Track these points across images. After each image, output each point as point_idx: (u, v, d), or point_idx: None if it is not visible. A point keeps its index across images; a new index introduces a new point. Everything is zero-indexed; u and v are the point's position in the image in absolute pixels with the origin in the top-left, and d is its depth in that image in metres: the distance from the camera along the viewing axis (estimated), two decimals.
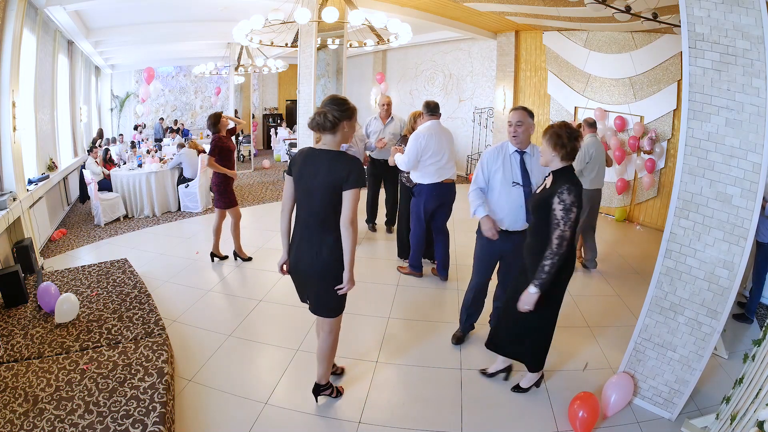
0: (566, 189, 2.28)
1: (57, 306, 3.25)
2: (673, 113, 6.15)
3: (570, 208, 2.25)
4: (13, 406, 2.30)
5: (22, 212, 4.38)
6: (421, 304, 3.89)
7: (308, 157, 2.24)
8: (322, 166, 2.18)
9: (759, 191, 2.18)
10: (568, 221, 2.26)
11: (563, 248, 2.29)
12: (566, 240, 2.29)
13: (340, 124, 2.20)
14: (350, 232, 2.17)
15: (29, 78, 5.29)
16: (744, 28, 2.12)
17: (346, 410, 2.58)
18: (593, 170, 4.42)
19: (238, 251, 4.73)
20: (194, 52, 10.57)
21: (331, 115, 2.17)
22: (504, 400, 2.70)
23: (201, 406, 2.58)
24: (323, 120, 2.18)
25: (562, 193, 2.27)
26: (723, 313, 2.32)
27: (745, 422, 1.93)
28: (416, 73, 10.83)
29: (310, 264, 2.28)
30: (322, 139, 2.25)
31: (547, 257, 2.30)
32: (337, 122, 2.18)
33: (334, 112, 2.17)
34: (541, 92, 8.02)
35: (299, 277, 2.39)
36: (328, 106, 2.19)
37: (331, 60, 9.16)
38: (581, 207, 2.35)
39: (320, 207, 2.21)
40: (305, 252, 2.29)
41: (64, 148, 7.42)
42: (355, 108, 2.26)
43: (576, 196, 2.27)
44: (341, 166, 2.16)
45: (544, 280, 2.32)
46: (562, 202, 2.26)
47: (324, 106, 2.21)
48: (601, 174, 4.52)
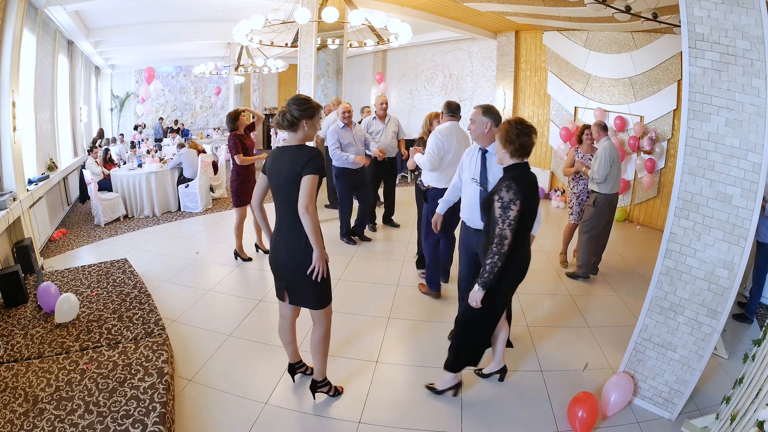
0: (505, 186, 2.26)
1: (57, 306, 3.25)
2: (673, 113, 6.15)
3: (508, 206, 2.22)
4: (13, 406, 2.30)
5: (22, 212, 4.38)
6: (421, 304, 3.89)
7: (276, 155, 2.33)
8: (286, 160, 2.26)
9: (759, 191, 2.18)
10: (506, 219, 2.23)
11: (504, 247, 2.25)
12: (506, 239, 2.24)
13: (299, 123, 2.26)
14: (306, 218, 2.20)
15: (29, 78, 5.29)
16: (744, 28, 2.12)
17: (346, 410, 2.58)
18: (613, 173, 4.24)
19: (239, 250, 4.73)
20: (194, 52, 10.58)
21: (290, 114, 2.25)
22: (504, 400, 2.70)
23: (201, 406, 2.58)
24: (282, 119, 2.27)
25: (500, 191, 2.26)
26: (723, 313, 2.32)
27: (745, 422, 1.93)
28: (416, 73, 10.83)
29: (287, 258, 2.34)
30: (287, 137, 2.34)
31: (488, 256, 2.28)
32: (296, 121, 2.26)
33: (293, 111, 2.25)
34: (541, 92, 8.02)
35: (280, 271, 2.44)
36: (289, 106, 2.27)
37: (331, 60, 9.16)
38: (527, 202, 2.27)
39: (290, 200, 2.25)
40: (282, 247, 2.36)
41: (64, 148, 7.42)
42: (317, 107, 2.32)
43: (515, 193, 2.23)
44: (301, 156, 2.23)
45: (485, 279, 2.30)
46: (500, 199, 2.24)
47: (286, 105, 2.28)
48: (619, 178, 4.36)
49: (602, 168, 4.19)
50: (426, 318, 3.67)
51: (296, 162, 2.22)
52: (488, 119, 2.75)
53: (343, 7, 5.32)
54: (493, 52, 8.84)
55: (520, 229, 2.30)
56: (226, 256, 4.87)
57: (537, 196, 2.42)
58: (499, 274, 2.31)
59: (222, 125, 12.94)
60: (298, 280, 2.36)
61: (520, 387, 2.82)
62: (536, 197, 2.40)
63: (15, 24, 4.16)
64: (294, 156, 2.24)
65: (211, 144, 11.40)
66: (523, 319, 3.68)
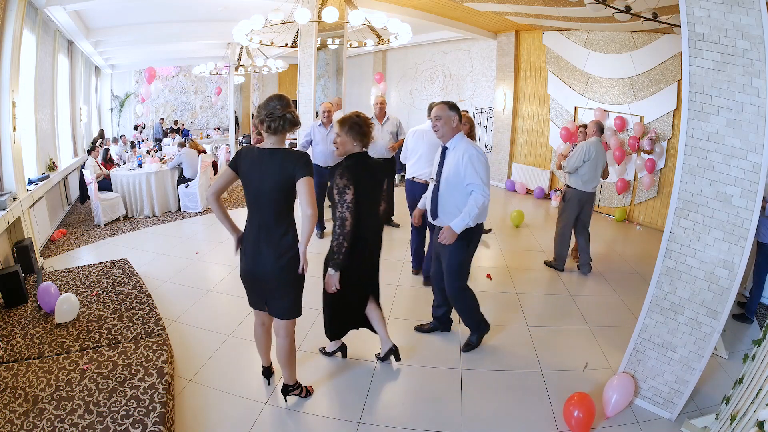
0: (338, 173, 2.45)
1: (57, 306, 3.25)
2: (673, 113, 6.15)
3: (343, 191, 2.43)
4: (13, 406, 2.30)
5: (22, 212, 4.38)
6: (421, 304, 3.89)
7: (257, 158, 2.20)
8: (273, 165, 2.17)
9: (759, 191, 2.18)
10: (343, 203, 2.43)
11: (346, 228, 2.45)
12: (346, 220, 2.44)
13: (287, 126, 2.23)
14: (311, 220, 2.15)
15: (29, 78, 5.29)
16: (744, 28, 2.12)
17: (346, 410, 2.58)
18: (588, 172, 4.33)
19: None
20: (194, 52, 10.58)
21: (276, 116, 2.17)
22: (504, 400, 2.70)
23: (201, 406, 2.58)
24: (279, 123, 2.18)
25: (335, 177, 2.45)
26: (723, 313, 2.32)
27: (745, 422, 1.93)
28: (416, 73, 10.83)
29: (271, 265, 2.25)
30: (267, 139, 2.24)
31: (333, 238, 2.48)
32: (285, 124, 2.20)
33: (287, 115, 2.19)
34: (541, 92, 8.03)
35: (257, 280, 2.32)
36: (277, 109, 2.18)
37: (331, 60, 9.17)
38: (359, 188, 2.46)
39: (276, 206, 2.21)
40: (265, 254, 2.25)
41: (64, 148, 7.42)
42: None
43: (348, 179, 2.43)
44: (291, 161, 2.16)
45: (335, 260, 2.48)
46: (336, 186, 2.44)
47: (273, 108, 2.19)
48: (595, 179, 4.41)
49: (572, 159, 4.30)
50: (426, 318, 3.67)
51: (287, 167, 2.15)
52: (455, 113, 2.85)
53: (343, 7, 5.32)
54: (493, 52, 8.84)
55: (358, 211, 2.48)
56: (226, 256, 4.87)
57: (376, 181, 2.68)
58: (348, 254, 2.49)
59: (222, 125, 12.95)
60: (280, 287, 2.29)
61: (520, 387, 2.82)
62: (373, 183, 2.64)
63: (15, 24, 4.16)
64: (284, 160, 2.16)
65: (211, 144, 11.41)
66: (524, 319, 3.68)
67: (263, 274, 2.28)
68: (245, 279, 2.38)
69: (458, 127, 2.88)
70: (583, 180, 4.36)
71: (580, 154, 4.29)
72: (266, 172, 2.17)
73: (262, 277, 2.29)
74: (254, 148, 2.24)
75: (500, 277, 4.49)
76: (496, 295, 4.14)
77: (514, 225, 6.23)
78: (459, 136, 2.89)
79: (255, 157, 2.21)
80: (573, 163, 4.32)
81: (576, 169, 4.32)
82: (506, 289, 4.23)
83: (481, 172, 2.78)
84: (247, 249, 2.30)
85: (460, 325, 3.53)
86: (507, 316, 3.73)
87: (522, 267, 4.80)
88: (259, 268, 2.27)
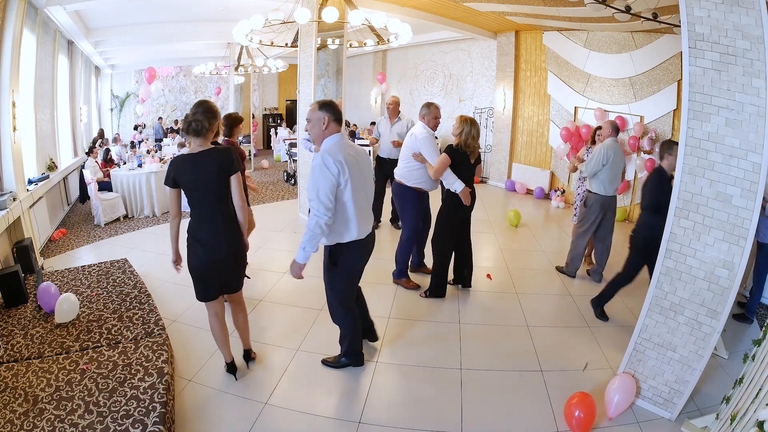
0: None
1: (57, 306, 3.25)
2: (673, 113, 6.15)
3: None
4: (13, 406, 2.30)
5: (22, 212, 4.38)
6: (420, 304, 3.89)
7: (195, 163, 2.43)
8: (212, 164, 2.43)
9: (759, 191, 2.18)
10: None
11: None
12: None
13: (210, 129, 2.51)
14: (245, 210, 2.57)
15: (29, 78, 5.29)
16: (744, 28, 2.12)
17: (346, 410, 2.58)
18: (608, 175, 4.16)
19: None
20: (194, 52, 10.58)
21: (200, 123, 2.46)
22: (504, 400, 2.70)
23: (201, 406, 2.58)
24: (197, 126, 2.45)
25: None
26: (723, 313, 2.32)
27: (745, 422, 1.93)
28: (416, 73, 10.83)
29: (228, 249, 2.54)
30: (194, 142, 2.50)
31: None
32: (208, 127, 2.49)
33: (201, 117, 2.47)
34: (541, 92, 8.03)
35: (215, 267, 2.54)
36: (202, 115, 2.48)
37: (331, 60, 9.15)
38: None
39: (221, 199, 2.49)
40: (221, 243, 2.51)
41: (64, 148, 7.42)
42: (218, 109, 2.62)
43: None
44: (226, 157, 2.47)
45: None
46: None
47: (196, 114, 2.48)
48: (616, 181, 4.25)
49: (591, 164, 4.15)
50: (426, 318, 3.67)
51: (225, 163, 2.45)
52: (325, 113, 2.49)
53: (343, 7, 5.32)
54: (493, 52, 8.84)
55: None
56: None
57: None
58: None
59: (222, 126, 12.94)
60: (233, 267, 2.62)
61: (520, 387, 2.82)
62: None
63: (15, 24, 4.16)
64: (218, 158, 2.44)
65: None
66: (524, 319, 3.68)
67: (221, 260, 2.54)
68: (204, 270, 2.54)
69: (331, 129, 2.51)
70: (604, 184, 4.19)
71: (598, 158, 4.11)
72: (206, 172, 2.42)
73: (220, 262, 2.54)
74: (185, 156, 2.47)
75: (500, 277, 4.49)
76: (496, 295, 4.14)
77: (512, 225, 6.23)
78: (329, 138, 2.52)
79: (190, 163, 2.44)
80: (591, 168, 4.15)
81: (595, 173, 4.16)
82: (506, 289, 4.23)
83: (320, 186, 2.38)
84: (203, 243, 2.50)
85: (460, 326, 3.53)
86: (507, 316, 3.73)
87: (522, 267, 4.79)
88: (218, 255, 2.52)
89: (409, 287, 4.18)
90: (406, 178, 3.98)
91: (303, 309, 3.75)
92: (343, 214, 2.48)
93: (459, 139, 3.69)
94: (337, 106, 2.56)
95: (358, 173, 2.50)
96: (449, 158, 3.68)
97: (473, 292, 4.16)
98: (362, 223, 2.56)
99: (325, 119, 2.48)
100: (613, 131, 4.25)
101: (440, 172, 3.69)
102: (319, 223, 2.38)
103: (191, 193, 2.46)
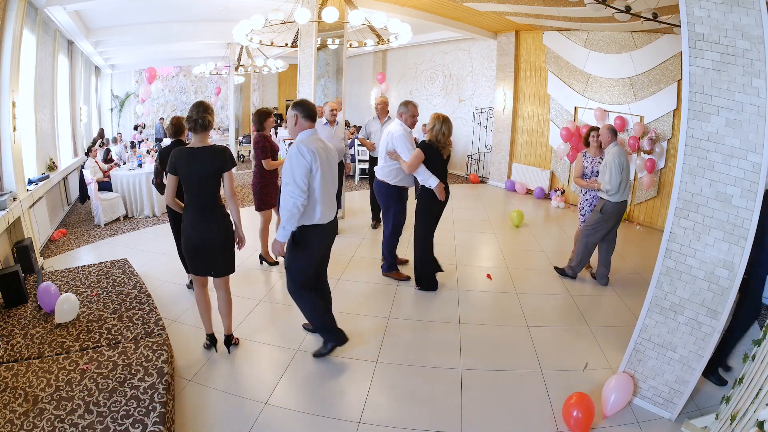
0: None
1: (57, 306, 3.24)
2: (673, 113, 6.16)
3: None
4: (13, 406, 2.30)
5: (22, 212, 4.38)
6: (420, 304, 3.89)
7: (193, 156, 2.74)
8: (206, 159, 2.74)
9: (759, 191, 2.18)
10: None
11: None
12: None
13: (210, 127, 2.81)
14: (235, 201, 2.86)
15: (29, 78, 5.29)
16: (744, 28, 2.12)
17: (346, 410, 2.58)
18: (624, 181, 4.08)
19: (265, 255, 4.69)
20: (194, 52, 10.58)
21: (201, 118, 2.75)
22: (504, 400, 2.70)
23: (201, 406, 2.58)
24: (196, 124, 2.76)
25: None
26: (723, 313, 2.33)
27: (745, 422, 1.93)
28: (416, 73, 10.83)
29: (216, 237, 2.82)
30: (195, 138, 2.80)
31: None
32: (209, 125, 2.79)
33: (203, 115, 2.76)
34: (541, 92, 8.03)
35: (205, 250, 2.83)
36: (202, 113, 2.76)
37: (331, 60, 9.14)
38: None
39: (212, 191, 2.80)
40: (209, 229, 2.81)
41: (64, 148, 7.41)
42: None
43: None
44: (220, 156, 2.77)
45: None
46: None
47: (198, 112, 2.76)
48: (628, 185, 4.17)
49: (615, 178, 4.01)
50: (426, 318, 3.67)
51: (218, 160, 2.75)
52: (293, 111, 2.80)
53: (343, 7, 5.32)
54: (493, 52, 8.84)
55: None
56: None
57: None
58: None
59: (222, 125, 12.93)
60: (222, 251, 2.88)
61: (520, 387, 2.83)
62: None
63: (15, 24, 4.16)
64: (215, 155, 2.75)
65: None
66: (524, 319, 3.68)
67: (211, 245, 2.83)
68: (194, 250, 2.84)
69: (302, 125, 2.78)
70: (622, 191, 4.11)
71: (615, 171, 4.00)
72: (202, 165, 2.73)
73: (210, 246, 2.83)
74: (184, 149, 2.77)
75: (500, 277, 4.49)
76: (496, 295, 4.14)
77: (514, 225, 6.23)
78: (302, 133, 2.79)
79: (188, 156, 2.74)
80: (615, 181, 4.02)
81: (618, 184, 4.05)
82: (506, 289, 4.24)
83: (295, 171, 2.65)
84: (195, 227, 2.79)
85: (460, 326, 3.53)
86: (507, 316, 3.73)
87: (522, 267, 4.80)
88: (207, 241, 2.81)
89: (400, 278, 4.32)
90: (389, 177, 4.12)
91: None
92: (312, 198, 2.75)
93: (431, 135, 3.81)
94: (308, 104, 2.83)
95: (326, 164, 2.79)
96: (423, 153, 3.75)
97: (473, 292, 4.17)
98: (326, 208, 2.84)
99: (295, 117, 2.79)
100: (612, 135, 4.18)
101: (414, 167, 3.79)
102: (296, 204, 2.65)
103: (187, 182, 2.76)
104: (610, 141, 4.17)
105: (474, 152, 9.62)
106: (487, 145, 9.25)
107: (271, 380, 2.83)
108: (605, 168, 4.11)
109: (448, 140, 3.83)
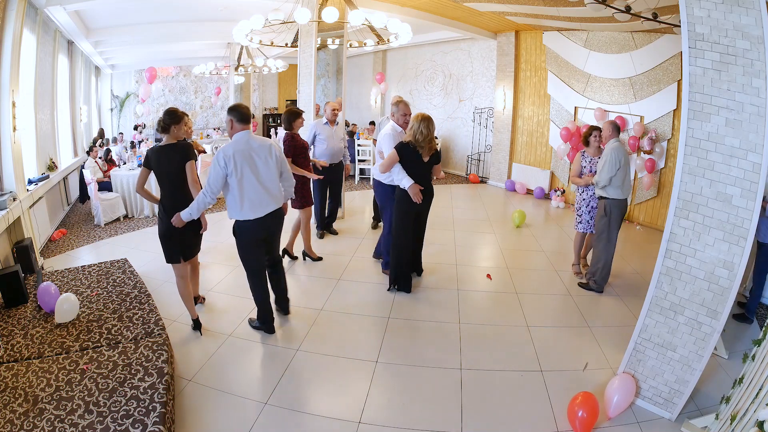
0: None
1: (57, 306, 3.24)
2: (673, 113, 6.15)
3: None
4: (13, 406, 2.30)
5: (22, 212, 4.37)
6: (421, 304, 3.89)
7: (163, 152, 3.17)
8: (176, 154, 3.17)
9: (759, 191, 2.18)
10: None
11: None
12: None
13: (170, 127, 3.18)
14: (197, 188, 3.18)
15: (29, 78, 5.29)
16: (744, 28, 2.12)
17: (346, 410, 2.58)
18: (621, 178, 4.00)
19: (308, 251, 4.75)
20: (194, 52, 10.57)
21: (163, 122, 3.19)
22: (504, 400, 2.70)
23: (201, 406, 2.58)
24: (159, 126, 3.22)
25: None
26: (723, 313, 2.33)
27: (745, 422, 1.93)
28: (416, 73, 10.83)
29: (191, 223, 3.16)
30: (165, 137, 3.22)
31: None
32: (168, 126, 3.18)
33: (166, 119, 3.17)
34: (541, 92, 8.03)
35: (179, 232, 3.16)
36: (163, 116, 3.19)
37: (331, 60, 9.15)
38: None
39: (181, 181, 3.18)
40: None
41: (64, 148, 7.41)
42: (182, 115, 3.25)
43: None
44: (184, 151, 3.20)
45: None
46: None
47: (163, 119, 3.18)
48: (629, 183, 4.10)
49: (605, 171, 3.95)
50: (426, 318, 3.67)
51: (183, 154, 3.18)
52: (229, 116, 3.07)
53: (343, 7, 5.32)
54: (493, 52, 8.84)
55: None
56: (225, 255, 4.87)
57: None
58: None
59: (222, 125, 12.93)
60: (194, 235, 3.34)
61: (520, 387, 2.83)
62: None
63: (15, 24, 4.16)
64: (181, 151, 3.19)
65: (211, 144, 11.37)
66: (524, 319, 3.68)
67: (189, 230, 3.23)
68: (169, 234, 3.18)
69: (235, 128, 3.06)
70: (620, 187, 4.02)
71: (610, 165, 3.94)
72: (172, 160, 3.16)
73: (189, 231, 3.24)
74: (155, 147, 3.20)
75: (500, 277, 4.49)
76: (496, 295, 4.14)
77: (516, 225, 6.23)
78: (235, 136, 3.06)
79: (160, 152, 3.17)
80: (606, 174, 3.96)
81: (610, 180, 3.99)
82: (506, 289, 4.24)
83: (211, 174, 2.99)
84: (167, 211, 3.13)
85: (460, 326, 3.53)
86: (507, 316, 3.73)
87: (522, 267, 4.80)
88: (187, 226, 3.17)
89: None
90: (383, 176, 4.19)
91: (302, 309, 3.75)
92: (233, 195, 3.05)
93: (408, 135, 3.75)
94: (242, 109, 3.10)
95: (251, 165, 3.03)
96: (397, 154, 3.72)
97: (473, 292, 4.17)
98: (254, 205, 3.08)
99: (230, 121, 3.08)
100: (614, 131, 4.09)
101: (386, 167, 3.77)
102: (205, 200, 3.02)
103: (160, 174, 3.18)
104: (611, 136, 4.10)
105: (474, 152, 9.62)
106: (487, 145, 9.25)
107: (271, 380, 2.83)
108: (601, 160, 4.08)
109: (428, 140, 3.69)
